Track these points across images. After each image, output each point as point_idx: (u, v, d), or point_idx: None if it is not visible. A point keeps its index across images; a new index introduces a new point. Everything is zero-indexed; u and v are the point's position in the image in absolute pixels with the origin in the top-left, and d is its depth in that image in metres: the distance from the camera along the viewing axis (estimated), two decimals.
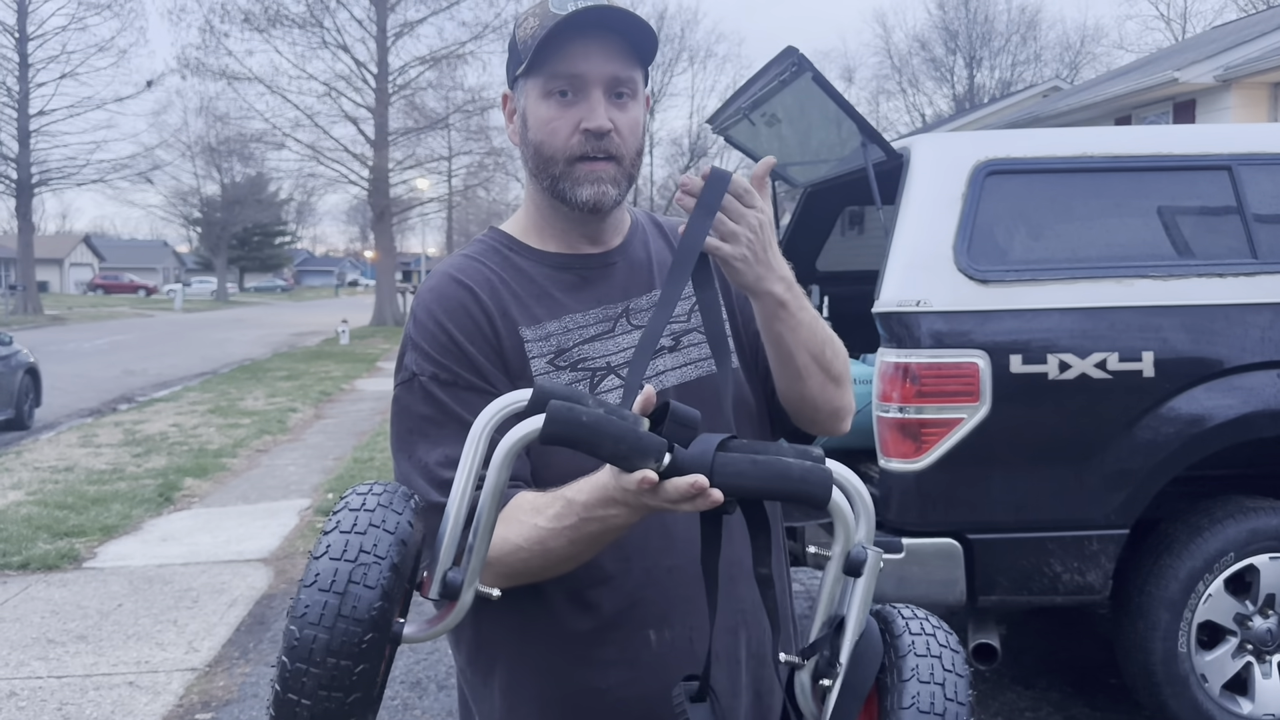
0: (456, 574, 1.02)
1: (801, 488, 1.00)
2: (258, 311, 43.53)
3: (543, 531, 1.15)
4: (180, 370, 17.27)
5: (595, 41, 1.25)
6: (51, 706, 3.93)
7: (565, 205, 1.31)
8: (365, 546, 0.92)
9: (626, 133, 1.29)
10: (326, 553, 0.92)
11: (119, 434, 10.27)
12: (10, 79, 33.19)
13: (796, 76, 3.71)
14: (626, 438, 0.97)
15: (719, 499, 0.98)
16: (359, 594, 0.90)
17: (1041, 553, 3.23)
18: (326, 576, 0.91)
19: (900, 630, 1.05)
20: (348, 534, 0.93)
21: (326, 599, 0.90)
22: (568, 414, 0.96)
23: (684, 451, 0.99)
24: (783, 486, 1.00)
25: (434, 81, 29.66)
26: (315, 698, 0.90)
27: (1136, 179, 3.45)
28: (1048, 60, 45.73)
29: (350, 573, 0.90)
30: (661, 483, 0.98)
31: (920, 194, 3.38)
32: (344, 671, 0.89)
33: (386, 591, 0.91)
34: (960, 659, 1.02)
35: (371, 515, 0.95)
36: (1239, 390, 3.23)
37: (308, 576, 0.92)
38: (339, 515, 0.96)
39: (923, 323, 3.19)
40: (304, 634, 0.89)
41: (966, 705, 0.99)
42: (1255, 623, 3.34)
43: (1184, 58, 14.03)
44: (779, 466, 1.00)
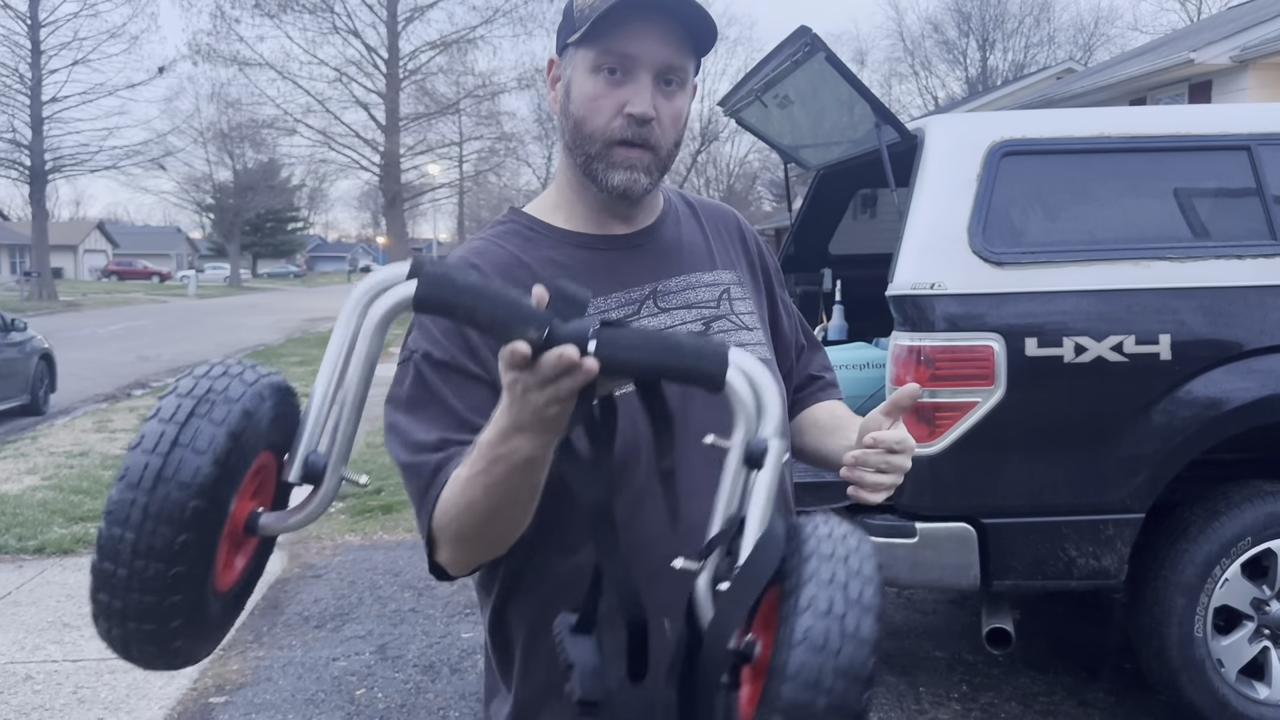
0: (319, 456, 0.94)
1: (695, 364, 0.93)
2: (271, 297, 43.63)
3: (463, 482, 1.10)
4: (194, 356, 17.32)
5: (655, 25, 1.22)
6: (67, 690, 3.95)
7: (595, 186, 1.28)
8: (199, 411, 0.86)
9: (668, 123, 1.26)
10: (156, 415, 0.86)
11: (134, 419, 10.31)
12: (23, 65, 33.27)
13: (809, 57, 3.68)
14: (506, 303, 0.90)
15: (593, 369, 0.90)
16: (169, 493, 0.83)
17: (1056, 537, 3.21)
18: (135, 471, 0.83)
19: (807, 534, 0.93)
20: (182, 398, 0.87)
21: (134, 496, 0.83)
22: (443, 277, 0.90)
23: (564, 324, 0.91)
24: (672, 361, 0.92)
25: (445, 66, 29.58)
26: (127, 599, 0.84)
27: (1154, 159, 3.41)
28: (1061, 42, 45.37)
29: (160, 469, 0.83)
30: (537, 358, 0.90)
31: (935, 175, 3.34)
32: (156, 575, 0.83)
33: (218, 458, 0.84)
34: (871, 564, 0.90)
35: (213, 382, 0.89)
36: (1257, 373, 3.19)
37: (120, 470, 0.85)
38: (179, 382, 0.90)
39: (937, 306, 3.16)
40: (110, 534, 0.83)
41: (872, 610, 0.86)
42: (1272, 607, 3.32)
43: (1200, 38, 13.89)
44: (670, 340, 0.93)
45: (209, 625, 0.93)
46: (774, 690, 0.85)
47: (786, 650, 0.84)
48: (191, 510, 0.84)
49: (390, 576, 5.28)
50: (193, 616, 0.89)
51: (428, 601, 4.90)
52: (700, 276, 1.36)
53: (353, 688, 3.95)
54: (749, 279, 1.43)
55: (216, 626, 0.96)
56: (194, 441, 0.85)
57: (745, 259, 1.45)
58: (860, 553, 0.90)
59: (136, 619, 0.86)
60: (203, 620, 0.91)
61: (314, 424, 0.94)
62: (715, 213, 1.47)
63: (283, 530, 0.96)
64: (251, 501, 0.94)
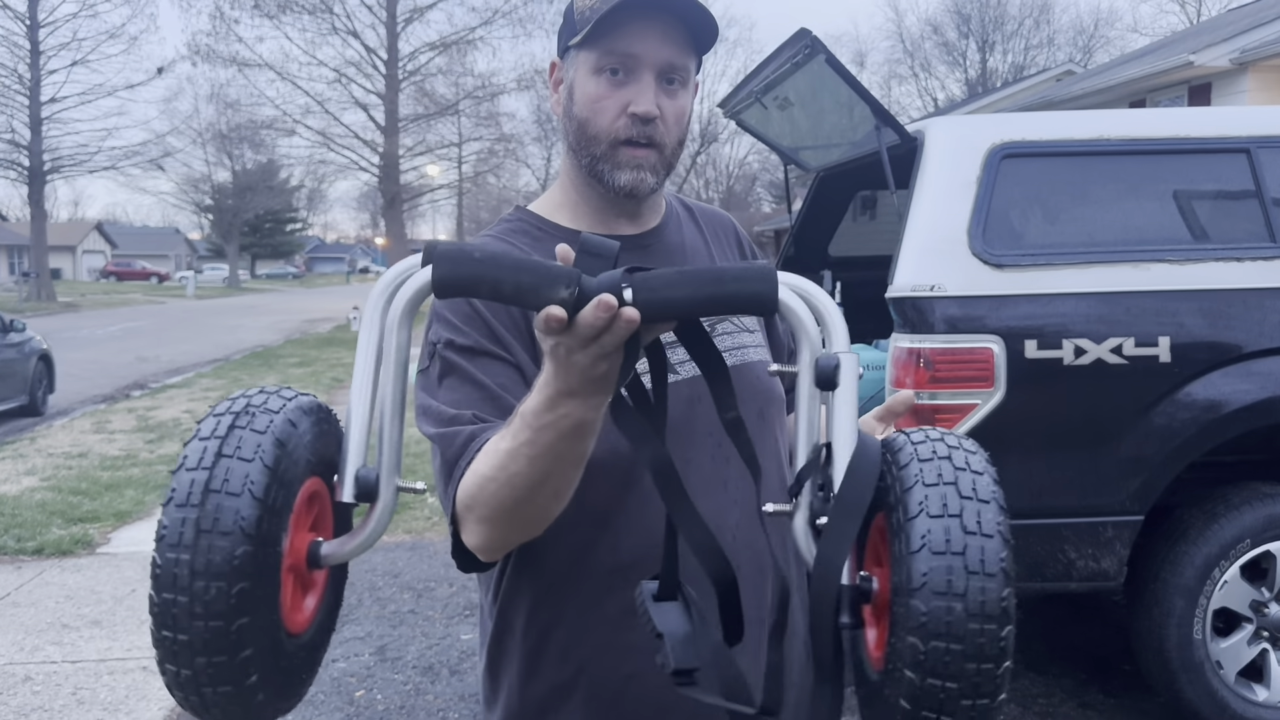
0: (369, 470, 0.89)
1: (741, 288, 0.85)
2: (269, 298, 43.63)
3: (504, 454, 1.04)
4: (193, 357, 17.32)
5: (656, 24, 1.22)
6: (66, 691, 3.95)
7: (601, 186, 1.29)
8: (225, 450, 0.80)
9: (672, 121, 1.26)
10: (183, 464, 0.80)
11: (132, 420, 10.31)
12: (22, 66, 33.25)
13: (810, 59, 3.69)
14: (530, 267, 0.84)
15: (635, 317, 0.84)
16: (220, 503, 0.77)
17: (1056, 539, 3.21)
18: (183, 490, 0.78)
19: (907, 458, 0.84)
20: (206, 440, 0.81)
21: (185, 514, 0.77)
22: (457, 253, 0.85)
23: (592, 278, 0.85)
24: (717, 291, 0.85)
25: (444, 67, 29.59)
26: (192, 630, 0.77)
27: (1154, 162, 3.41)
28: (1061, 44, 45.42)
29: (207, 481, 0.78)
30: (574, 319, 0.85)
31: (934, 178, 3.35)
32: (219, 595, 0.77)
33: (256, 495, 0.78)
34: (986, 480, 0.82)
35: (235, 418, 0.83)
36: (1257, 375, 3.20)
37: (165, 495, 0.80)
38: (202, 423, 0.84)
39: (937, 308, 3.16)
40: (165, 559, 0.78)
41: (996, 536, 0.78)
42: (1271, 610, 3.32)
43: (1199, 40, 13.90)
44: (710, 271, 0.87)
45: (284, 668, 0.87)
46: (900, 643, 0.77)
47: (906, 597, 0.77)
48: (247, 519, 0.79)
49: (390, 578, 5.28)
50: (265, 648, 0.82)
51: (427, 603, 4.90)
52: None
53: (352, 689, 3.95)
54: None
55: (294, 673, 0.89)
56: (239, 450, 0.81)
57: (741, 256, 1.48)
58: (964, 449, 0.84)
59: (205, 651, 0.79)
60: (276, 658, 0.85)
61: (357, 437, 0.90)
62: (712, 217, 1.48)
63: (346, 557, 0.91)
64: (310, 533, 0.90)
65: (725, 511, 1.28)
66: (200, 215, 61.90)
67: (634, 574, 1.24)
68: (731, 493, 1.29)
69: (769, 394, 1.37)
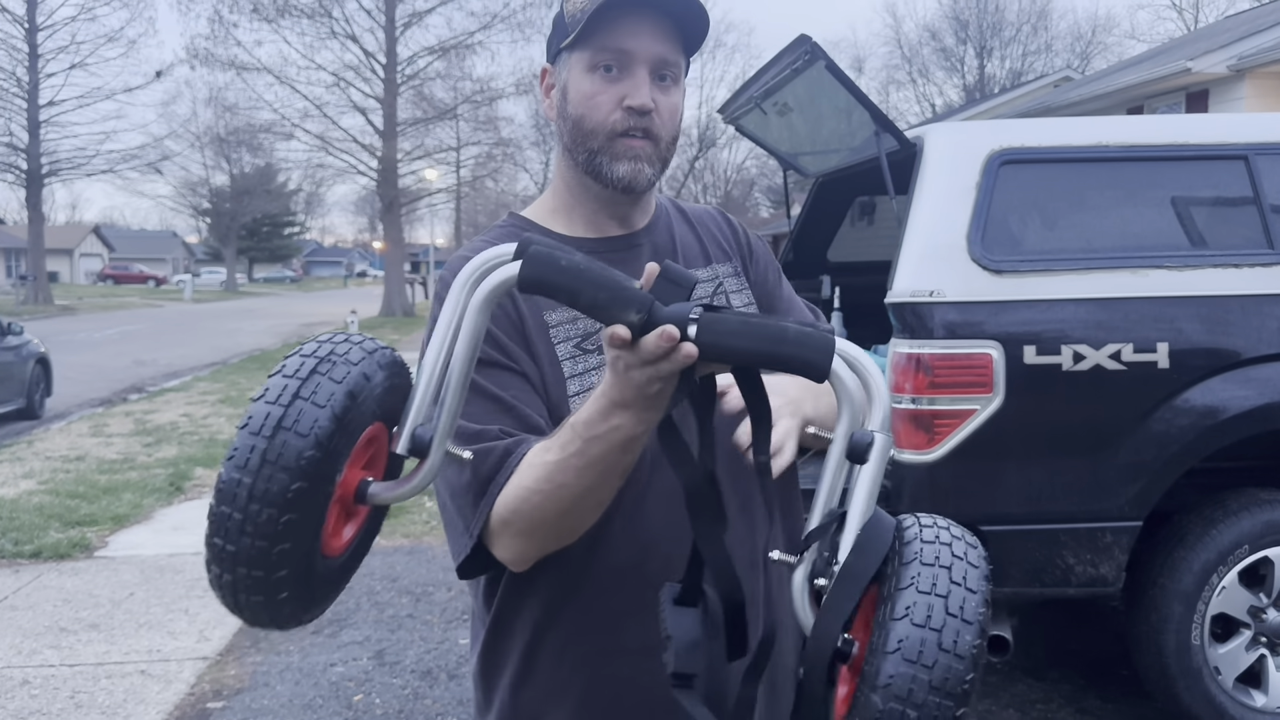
0: (426, 429, 0.95)
1: (797, 352, 0.89)
2: (267, 302, 43.61)
3: (551, 466, 1.09)
4: (190, 360, 17.31)
5: (647, 20, 1.24)
6: (64, 695, 3.94)
7: (598, 183, 1.29)
8: (303, 393, 0.87)
9: (666, 116, 1.27)
10: (264, 396, 0.87)
11: (130, 424, 10.30)
12: (20, 69, 33.25)
13: (809, 65, 3.70)
14: (608, 284, 0.89)
15: (692, 353, 0.89)
16: (287, 440, 0.85)
17: (1054, 544, 3.21)
18: (258, 420, 0.86)
19: (911, 536, 0.90)
20: (289, 378, 0.88)
21: (254, 443, 0.85)
22: (547, 257, 0.90)
23: (664, 307, 0.90)
24: (774, 350, 0.89)
25: (442, 72, 29.66)
26: (240, 544, 0.85)
27: (1152, 169, 3.43)
28: (1059, 50, 45.51)
29: (281, 417, 0.85)
30: (638, 340, 0.90)
31: (934, 183, 3.35)
32: (269, 520, 0.84)
33: (320, 440, 0.85)
34: (978, 574, 0.87)
35: (318, 363, 0.89)
36: (1255, 382, 3.21)
37: (242, 420, 0.87)
38: (288, 360, 0.91)
39: (936, 313, 3.17)
40: (229, 478, 0.85)
41: (974, 624, 0.83)
42: (1269, 615, 3.32)
43: (1197, 47, 13.94)
44: (773, 327, 0.90)
45: (314, 586, 0.94)
46: (864, 698, 0.82)
47: (879, 658, 0.82)
48: (308, 459, 0.85)
49: (388, 582, 5.28)
50: (299, 570, 0.90)
51: (425, 607, 4.90)
52: (696, 273, 1.37)
53: (350, 693, 3.94)
54: (742, 269, 1.44)
55: (321, 590, 0.96)
56: (314, 396, 0.87)
57: (736, 249, 1.46)
58: (966, 561, 0.87)
59: (247, 564, 0.87)
60: (308, 579, 0.92)
61: (421, 398, 0.95)
62: (703, 215, 1.49)
63: (391, 500, 0.97)
64: (363, 471, 0.95)
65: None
66: (198, 219, 61.84)
67: (630, 577, 1.24)
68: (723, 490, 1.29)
69: None
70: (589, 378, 1.26)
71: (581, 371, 1.27)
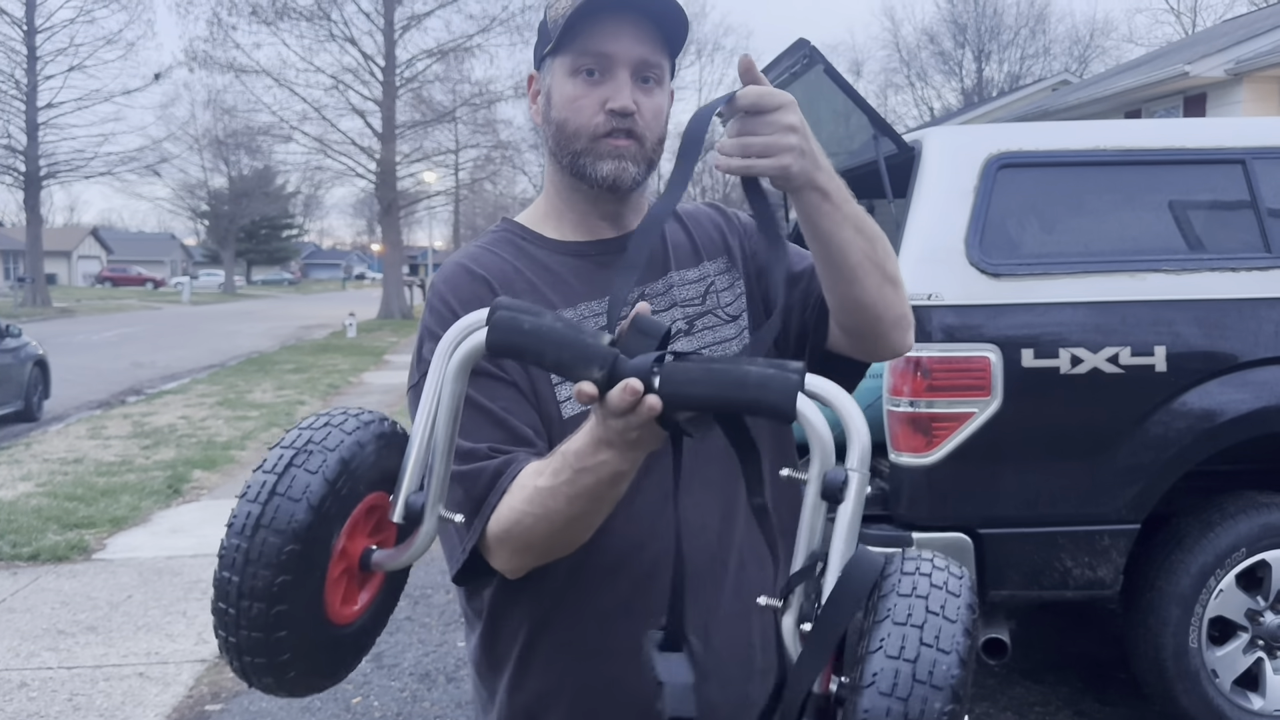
0: (418, 497, 0.99)
1: (760, 396, 0.89)
2: (265, 304, 43.59)
3: (542, 492, 1.11)
4: (188, 363, 17.30)
5: (627, 22, 1.24)
6: (62, 697, 3.94)
7: (585, 183, 1.30)
8: (297, 461, 0.92)
9: (650, 117, 1.28)
10: (262, 466, 0.93)
11: (128, 426, 10.29)
12: (18, 72, 33.23)
13: (808, 69, 3.70)
14: (571, 344, 0.92)
15: (656, 406, 0.91)
16: (280, 505, 0.90)
17: (1052, 547, 3.22)
18: (255, 488, 0.92)
19: (892, 570, 0.89)
20: (286, 449, 0.94)
21: (250, 508, 0.91)
22: (510, 321, 0.93)
23: (628, 361, 0.92)
24: (737, 395, 0.89)
25: (441, 75, 29.65)
26: (238, 607, 0.91)
27: (1149, 172, 3.43)
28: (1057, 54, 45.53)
29: (275, 484, 0.91)
30: (605, 395, 0.92)
31: (932, 187, 3.36)
32: (264, 581, 0.89)
33: (314, 505, 0.91)
34: (961, 604, 0.85)
35: (314, 433, 0.95)
36: (1252, 385, 3.21)
37: (242, 489, 0.93)
38: (288, 434, 0.97)
39: (934, 316, 3.17)
40: (229, 543, 0.91)
41: (952, 654, 0.82)
42: (1266, 618, 3.33)
43: (1194, 51, 13.97)
44: (735, 373, 0.90)
45: (326, 656, 1.00)
46: (851, 704, 0.83)
47: (858, 693, 0.82)
48: (288, 554, 0.90)
49: None
50: (303, 649, 0.95)
51: (423, 610, 4.90)
52: (685, 274, 1.38)
53: (348, 696, 3.94)
54: (738, 255, 1.43)
55: (335, 655, 1.01)
56: (289, 490, 0.92)
57: (728, 235, 1.44)
58: (946, 590, 0.87)
59: (250, 653, 0.93)
60: (317, 652, 0.98)
61: (413, 467, 1.00)
62: (694, 214, 1.48)
63: (394, 566, 1.02)
64: (370, 539, 1.01)
65: (710, 510, 1.29)
66: (196, 221, 61.87)
67: (620, 575, 1.25)
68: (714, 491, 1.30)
69: None
70: None
71: None
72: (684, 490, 1.19)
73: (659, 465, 1.25)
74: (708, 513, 1.29)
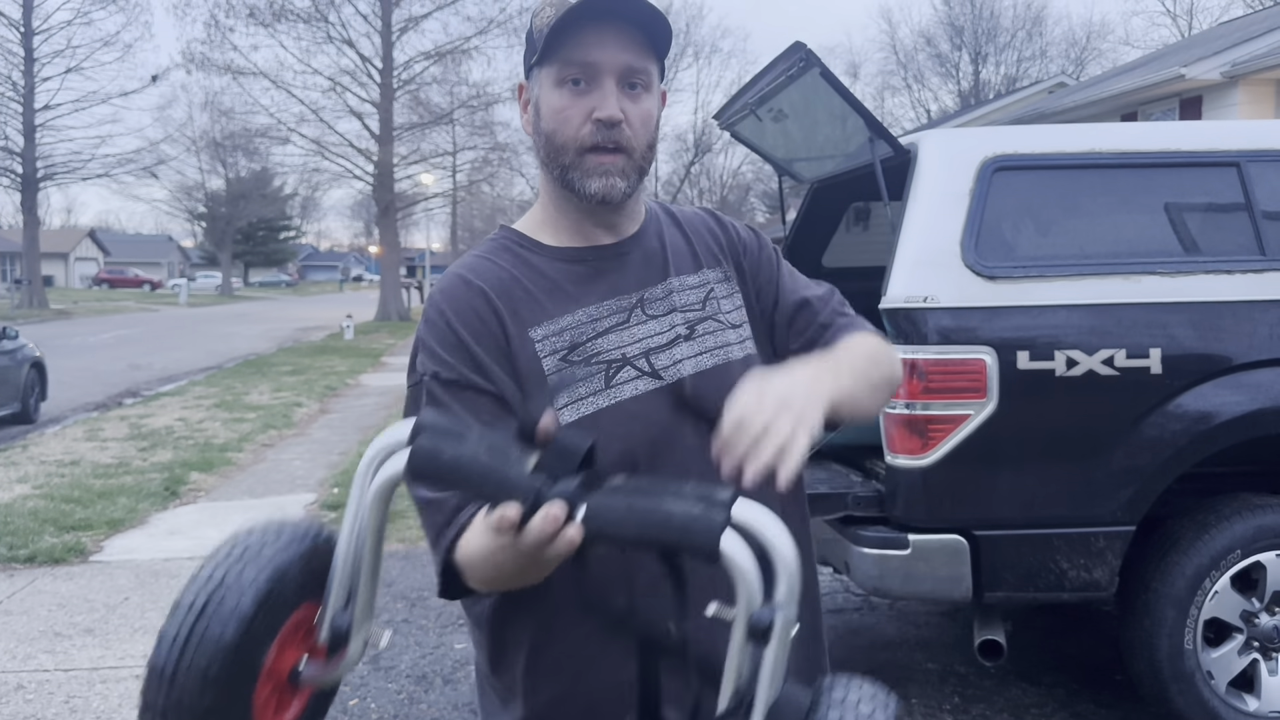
0: (343, 617, 1.00)
1: (681, 539, 0.88)
2: (262, 306, 43.57)
3: (486, 549, 1.10)
4: (185, 365, 17.29)
5: (610, 30, 1.24)
6: (59, 699, 3.94)
7: (575, 197, 1.30)
8: (229, 576, 0.92)
9: (638, 125, 1.28)
10: (194, 580, 0.93)
11: (125, 428, 10.29)
12: (16, 73, 33.23)
13: (804, 72, 3.70)
14: (491, 477, 0.92)
15: (575, 539, 0.91)
16: (208, 622, 0.90)
17: (1048, 549, 3.22)
18: (185, 602, 0.92)
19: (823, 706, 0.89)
20: (220, 563, 0.95)
21: (180, 623, 0.90)
22: (430, 452, 0.93)
23: (551, 487, 0.92)
24: (659, 536, 0.89)
25: (439, 76, 29.69)
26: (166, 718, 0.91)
27: (1145, 175, 3.44)
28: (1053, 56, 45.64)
29: (206, 601, 0.91)
30: (525, 524, 0.91)
31: (928, 190, 3.37)
32: (191, 696, 0.89)
33: (244, 620, 0.91)
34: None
35: (248, 547, 0.96)
36: (1247, 387, 3.22)
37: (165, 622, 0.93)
38: (222, 545, 0.97)
39: (930, 319, 3.18)
40: (156, 656, 0.91)
41: None
42: (1262, 620, 3.34)
43: (1190, 54, 14.00)
44: (658, 513, 0.89)
45: None
46: None
47: None
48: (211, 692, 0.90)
49: (383, 587, 5.27)
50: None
51: (420, 612, 4.90)
52: (685, 280, 1.38)
53: (346, 698, 3.94)
54: (734, 271, 1.43)
55: None
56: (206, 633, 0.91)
57: (729, 250, 1.45)
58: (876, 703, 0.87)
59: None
60: None
61: (338, 588, 1.01)
62: (692, 218, 1.48)
63: (319, 683, 1.02)
64: (300, 649, 1.01)
65: None
66: (194, 223, 61.89)
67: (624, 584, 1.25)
68: None
69: None
70: (577, 389, 1.27)
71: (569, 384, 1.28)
72: None
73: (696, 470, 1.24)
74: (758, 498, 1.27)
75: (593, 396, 1.27)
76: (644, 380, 1.29)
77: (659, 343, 1.32)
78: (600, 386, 1.27)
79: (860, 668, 4.11)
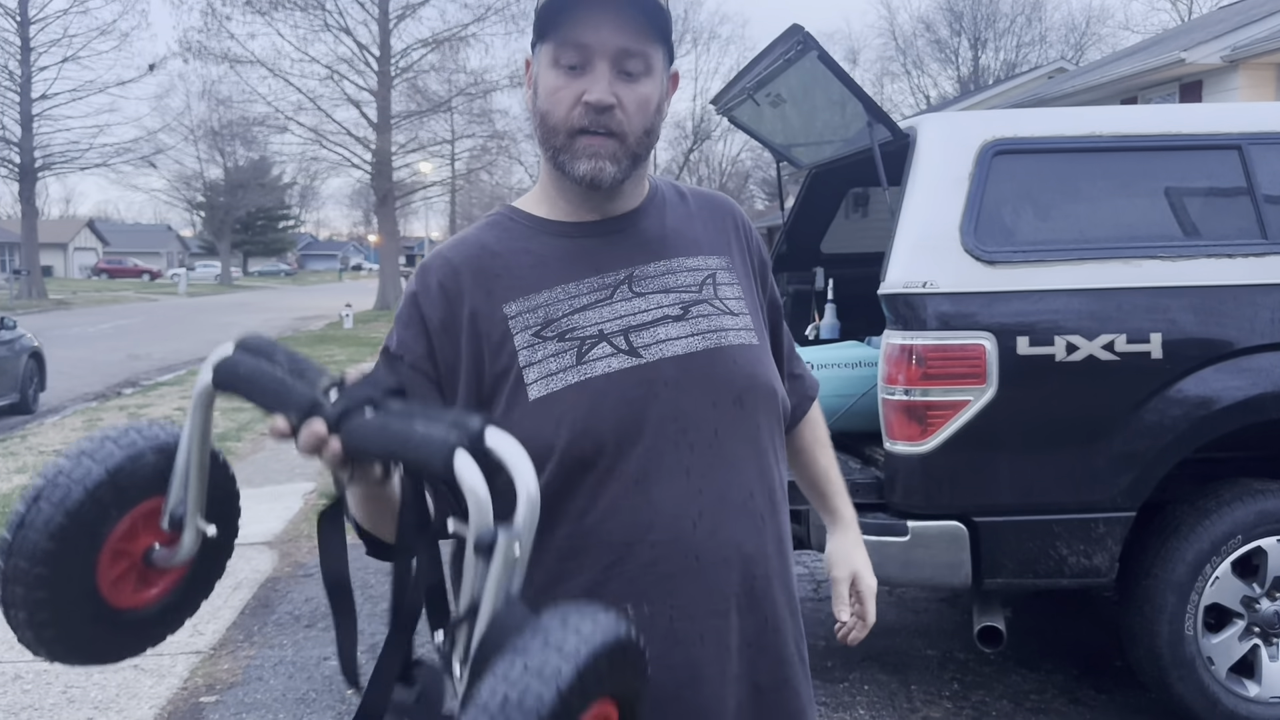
0: (180, 507, 1.10)
1: (417, 454, 0.96)
2: (262, 295, 43.54)
3: None
4: (184, 354, 17.27)
5: (605, 12, 1.23)
6: (56, 690, 3.93)
7: (566, 178, 1.30)
8: (65, 470, 1.03)
9: (633, 110, 1.26)
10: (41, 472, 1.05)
11: (123, 418, 10.28)
12: (12, 63, 33.12)
13: (802, 55, 3.68)
14: (274, 391, 1.02)
15: (336, 449, 0.99)
16: (39, 508, 1.02)
17: (1048, 535, 3.21)
18: (28, 493, 1.03)
19: (546, 615, 0.93)
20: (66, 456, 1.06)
21: (19, 508, 1.03)
22: (232, 363, 1.04)
23: (327, 406, 1.01)
24: (400, 451, 0.98)
25: (436, 64, 29.57)
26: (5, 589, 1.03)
27: (1145, 159, 3.42)
28: (1053, 41, 45.51)
29: (41, 489, 1.03)
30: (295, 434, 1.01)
31: (927, 174, 3.35)
32: (20, 571, 1.01)
33: (70, 509, 1.02)
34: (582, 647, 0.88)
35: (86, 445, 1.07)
36: (1248, 372, 3.20)
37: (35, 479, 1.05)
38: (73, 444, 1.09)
39: (929, 304, 3.16)
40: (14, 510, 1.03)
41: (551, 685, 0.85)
42: (1262, 605, 3.32)
43: (1190, 38, 13.95)
44: (404, 432, 0.98)
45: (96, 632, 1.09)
46: None
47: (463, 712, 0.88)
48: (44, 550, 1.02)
49: (382, 575, 5.27)
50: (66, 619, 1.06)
51: None
52: (683, 261, 1.36)
53: (344, 687, 3.93)
54: (740, 266, 1.42)
55: (111, 637, 1.11)
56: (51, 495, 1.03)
57: (738, 246, 1.44)
58: (562, 653, 0.88)
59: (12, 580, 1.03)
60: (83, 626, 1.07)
61: (177, 483, 1.11)
62: (708, 200, 1.46)
63: (169, 565, 1.12)
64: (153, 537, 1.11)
65: (687, 500, 1.27)
66: (192, 212, 61.72)
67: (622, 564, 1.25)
68: (695, 480, 1.27)
69: (750, 380, 1.33)
70: (548, 364, 1.26)
71: (540, 359, 1.26)
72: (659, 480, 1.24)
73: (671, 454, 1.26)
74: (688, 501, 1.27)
75: (562, 373, 1.26)
76: (619, 358, 1.27)
77: (641, 321, 1.30)
78: (571, 363, 1.26)
79: (858, 654, 4.11)
